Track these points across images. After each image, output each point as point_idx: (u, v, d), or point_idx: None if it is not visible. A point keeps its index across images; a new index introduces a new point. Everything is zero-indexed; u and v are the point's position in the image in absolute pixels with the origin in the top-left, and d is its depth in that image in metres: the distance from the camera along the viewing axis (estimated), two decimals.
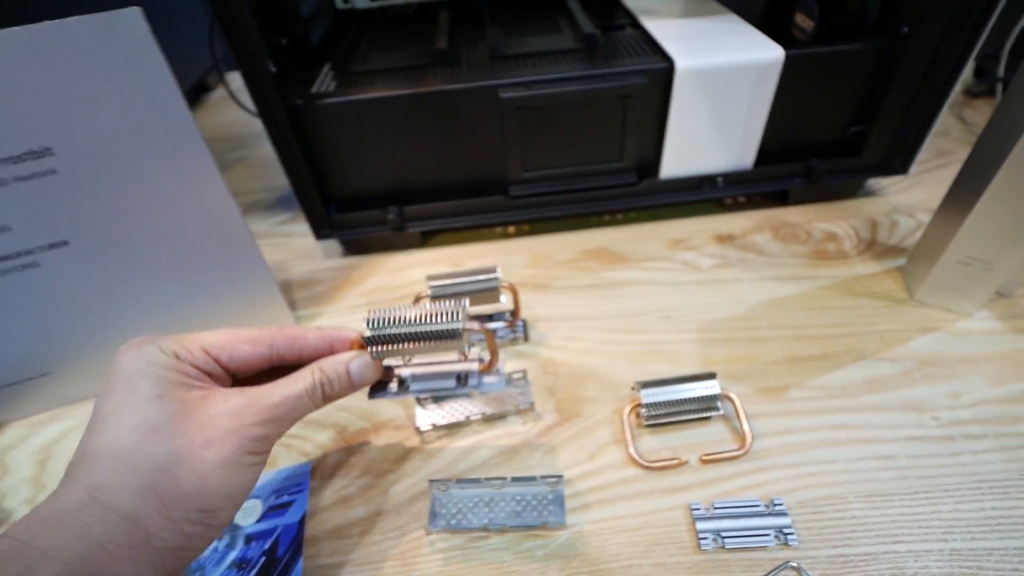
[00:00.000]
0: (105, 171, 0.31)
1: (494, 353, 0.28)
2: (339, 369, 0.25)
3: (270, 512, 0.32)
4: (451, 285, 0.36)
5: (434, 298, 0.36)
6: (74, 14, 0.27)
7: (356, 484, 0.32)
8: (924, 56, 0.39)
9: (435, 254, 0.48)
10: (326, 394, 0.25)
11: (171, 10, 0.67)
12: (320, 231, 0.45)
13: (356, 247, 0.48)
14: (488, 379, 0.28)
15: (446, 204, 0.45)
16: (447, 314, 0.25)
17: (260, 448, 0.23)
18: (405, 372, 0.29)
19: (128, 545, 0.19)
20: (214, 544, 0.30)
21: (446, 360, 0.28)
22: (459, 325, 0.25)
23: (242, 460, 0.22)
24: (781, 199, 0.49)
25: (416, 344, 0.25)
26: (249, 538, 0.31)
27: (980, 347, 0.35)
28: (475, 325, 0.26)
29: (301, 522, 0.31)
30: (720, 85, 0.40)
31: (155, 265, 0.35)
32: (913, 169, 0.46)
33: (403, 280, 0.45)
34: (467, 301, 0.26)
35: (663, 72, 0.39)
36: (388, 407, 0.36)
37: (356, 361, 0.26)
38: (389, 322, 0.25)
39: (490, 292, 0.36)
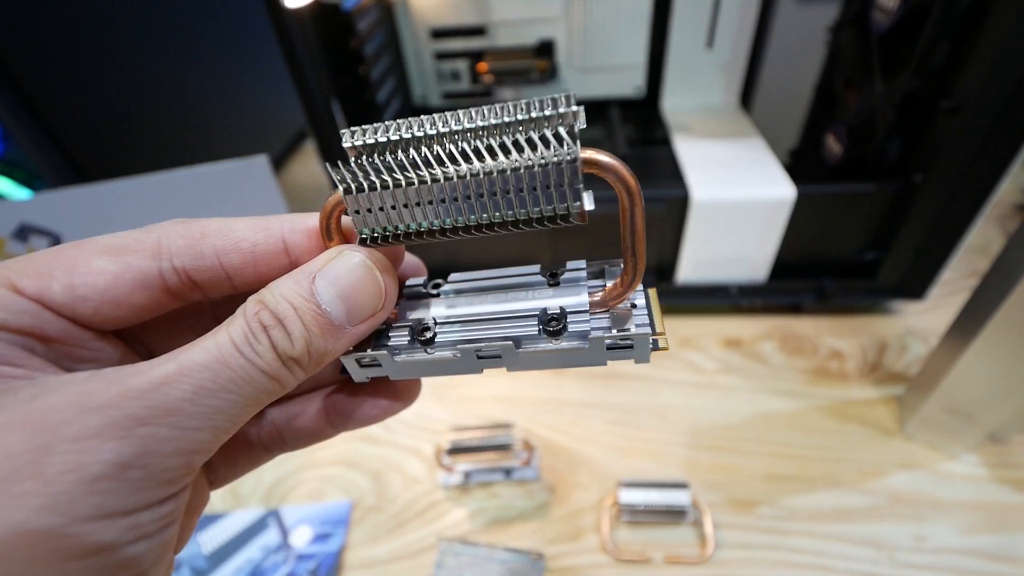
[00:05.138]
0: None
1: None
2: (295, 295, 0.13)
3: (316, 538, 0.40)
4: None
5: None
6: (219, 151, 0.37)
7: (384, 527, 0.40)
8: (938, 201, 0.42)
9: None
10: (282, 351, 0.12)
11: (269, 83, 0.80)
12: None
13: None
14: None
15: None
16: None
17: (123, 500, 0.10)
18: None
19: None
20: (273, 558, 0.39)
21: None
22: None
23: (62, 537, 0.10)
24: (796, 307, 0.51)
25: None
26: (299, 558, 0.39)
27: (958, 492, 0.37)
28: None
29: (339, 553, 0.39)
30: (733, 216, 0.44)
31: None
32: (935, 291, 0.47)
33: None
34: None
35: (680, 201, 0.44)
36: (415, 464, 0.43)
37: (327, 271, 0.13)
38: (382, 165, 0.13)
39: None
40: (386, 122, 0.13)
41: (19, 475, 0.10)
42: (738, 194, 0.43)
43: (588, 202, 0.13)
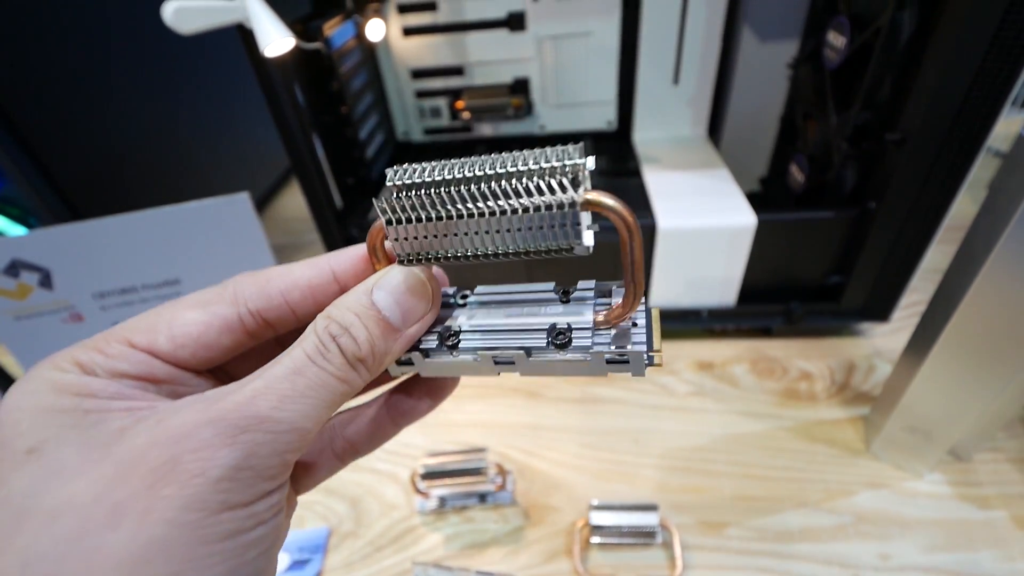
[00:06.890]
0: None
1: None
2: (358, 305, 0.15)
3: (293, 565, 0.41)
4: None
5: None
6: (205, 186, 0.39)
7: (360, 553, 0.40)
8: (892, 226, 0.43)
9: None
10: (350, 355, 0.14)
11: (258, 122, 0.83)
12: None
13: None
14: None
15: None
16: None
17: (241, 494, 0.13)
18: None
19: None
20: None
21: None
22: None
23: (201, 527, 0.12)
24: (767, 330, 0.53)
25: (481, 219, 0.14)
26: None
27: (921, 511, 0.38)
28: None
29: None
30: (697, 244, 0.46)
31: None
32: (901, 313, 0.49)
33: None
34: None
35: (648, 229, 0.46)
36: (392, 490, 0.44)
37: (382, 283, 0.15)
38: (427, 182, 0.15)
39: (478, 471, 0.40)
40: (423, 164, 0.15)
41: (162, 483, 0.12)
42: (701, 222, 0.45)
43: (588, 239, 0.14)
